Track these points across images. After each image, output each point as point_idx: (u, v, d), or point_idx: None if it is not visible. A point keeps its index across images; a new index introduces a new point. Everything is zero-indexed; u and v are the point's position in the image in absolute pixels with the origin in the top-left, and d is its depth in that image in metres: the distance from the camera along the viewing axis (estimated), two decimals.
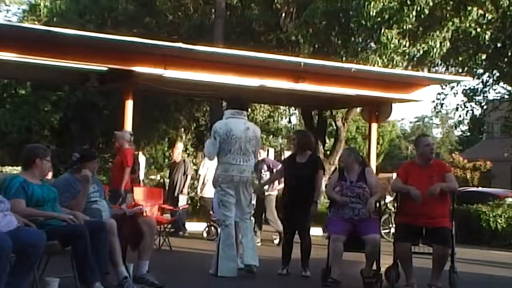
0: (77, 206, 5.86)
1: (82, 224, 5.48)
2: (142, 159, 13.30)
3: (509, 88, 18.82)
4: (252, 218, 8.07)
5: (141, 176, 13.43)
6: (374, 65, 14.77)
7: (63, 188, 5.93)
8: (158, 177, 24.03)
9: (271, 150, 25.13)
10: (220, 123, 7.44)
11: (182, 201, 12.56)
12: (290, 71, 12.18)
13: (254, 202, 10.50)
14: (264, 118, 30.35)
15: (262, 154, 11.80)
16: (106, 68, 11.04)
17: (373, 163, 14.41)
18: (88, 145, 14.20)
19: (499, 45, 17.20)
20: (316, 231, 13.00)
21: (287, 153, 14.98)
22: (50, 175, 9.89)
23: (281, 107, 28.09)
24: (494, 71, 18.96)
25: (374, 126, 14.79)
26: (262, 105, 26.74)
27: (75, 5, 23.60)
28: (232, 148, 7.23)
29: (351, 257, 7.47)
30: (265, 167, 11.41)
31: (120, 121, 11.81)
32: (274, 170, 10.96)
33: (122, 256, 5.95)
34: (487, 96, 20.74)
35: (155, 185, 19.30)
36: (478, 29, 15.86)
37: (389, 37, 15.04)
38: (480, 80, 20.03)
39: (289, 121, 35.19)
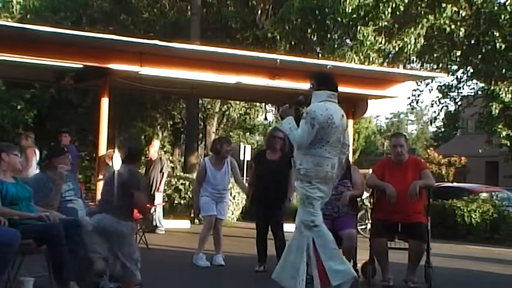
0: (51, 204, 5.80)
1: (57, 223, 5.43)
2: (118, 156, 13.18)
3: (483, 84, 19.01)
4: None
5: None
6: (350, 62, 14.84)
7: (36, 187, 5.86)
8: None
9: (248, 147, 25.19)
10: (318, 107, 5.96)
11: (159, 198, 12.52)
12: (267, 68, 12.18)
13: None
14: (240, 115, 30.36)
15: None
16: (81, 66, 10.94)
17: (349, 159, 14.48)
18: (56, 141, 14.09)
19: (473, 41, 17.40)
20: (293, 228, 13.01)
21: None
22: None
23: (258, 104, 28.11)
24: (468, 68, 19.17)
25: (350, 122, 14.86)
26: (239, 102, 26.74)
27: (50, 2, 23.35)
28: (330, 139, 5.89)
29: None
30: None
31: (96, 118, 11.73)
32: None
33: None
34: (461, 92, 20.98)
35: None
36: (453, 26, 16.05)
37: (365, 34, 15.14)
38: (455, 76, 20.25)
39: (265, 118, 35.26)
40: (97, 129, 11.56)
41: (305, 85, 12.59)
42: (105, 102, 11.41)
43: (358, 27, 15.25)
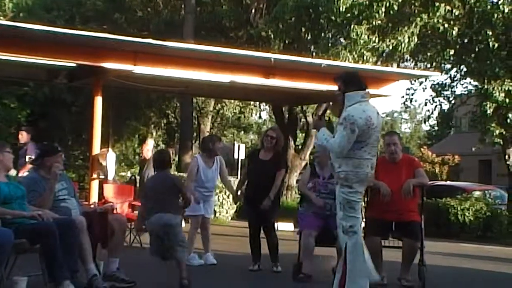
0: (44, 204, 5.77)
1: (51, 222, 5.41)
2: (112, 155, 13.18)
3: (476, 83, 19.06)
4: None
5: (112, 173, 13.32)
6: (344, 61, 14.84)
7: (29, 187, 5.82)
8: (129, 174, 23.90)
9: (242, 146, 25.20)
10: (356, 110, 5.77)
11: None
12: (261, 67, 12.16)
13: None
14: (234, 113, 30.38)
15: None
16: (74, 64, 10.90)
17: None
18: (51, 141, 13.96)
19: (466, 40, 17.43)
20: (287, 226, 13.04)
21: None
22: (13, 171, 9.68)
23: (252, 103, 28.11)
24: (462, 66, 19.20)
25: None
26: (233, 101, 26.73)
27: (42, 0, 23.29)
28: (369, 140, 5.72)
29: (322, 252, 7.51)
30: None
31: (90, 117, 11.69)
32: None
33: (92, 254, 5.90)
34: (455, 91, 20.99)
35: (125, 182, 19.19)
36: (446, 25, 16.08)
37: (358, 32, 15.14)
38: (448, 75, 20.27)
39: (260, 117, 35.31)
40: (90, 128, 11.51)
41: (299, 84, 12.69)
42: (98, 101, 11.37)
43: (352, 26, 15.26)
